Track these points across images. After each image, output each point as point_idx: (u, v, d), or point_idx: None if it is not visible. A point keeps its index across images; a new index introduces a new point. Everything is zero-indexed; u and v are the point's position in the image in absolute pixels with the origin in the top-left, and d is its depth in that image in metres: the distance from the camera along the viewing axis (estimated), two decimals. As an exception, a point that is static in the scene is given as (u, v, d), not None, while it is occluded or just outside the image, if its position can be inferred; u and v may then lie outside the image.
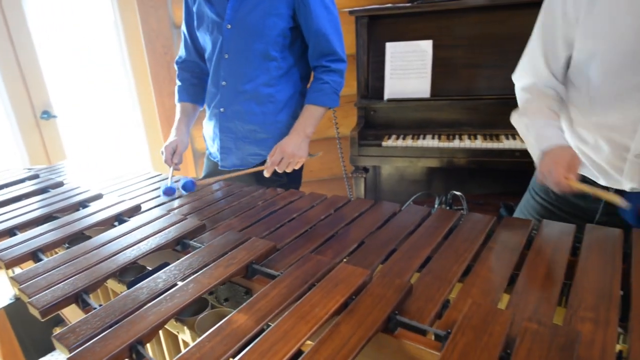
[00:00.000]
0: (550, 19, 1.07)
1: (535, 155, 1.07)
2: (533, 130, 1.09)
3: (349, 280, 0.76)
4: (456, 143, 2.02)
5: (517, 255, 0.86)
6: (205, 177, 1.68)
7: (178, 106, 1.66)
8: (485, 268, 0.83)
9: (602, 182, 1.09)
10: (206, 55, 1.55)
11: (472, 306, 0.66)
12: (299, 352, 0.62)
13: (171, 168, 1.50)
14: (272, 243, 0.93)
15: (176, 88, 1.68)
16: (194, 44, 1.60)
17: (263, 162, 1.51)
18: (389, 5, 2.20)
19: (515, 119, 1.17)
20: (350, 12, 2.18)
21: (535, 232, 0.94)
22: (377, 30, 2.23)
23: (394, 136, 2.17)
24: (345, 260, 0.91)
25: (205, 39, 1.52)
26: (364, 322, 0.66)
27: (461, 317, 0.64)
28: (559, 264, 0.81)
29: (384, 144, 2.13)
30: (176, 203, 1.30)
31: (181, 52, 1.65)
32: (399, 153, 2.12)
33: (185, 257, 0.91)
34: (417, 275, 0.82)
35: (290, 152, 1.41)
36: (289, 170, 1.44)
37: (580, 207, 1.14)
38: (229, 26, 1.43)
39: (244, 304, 0.72)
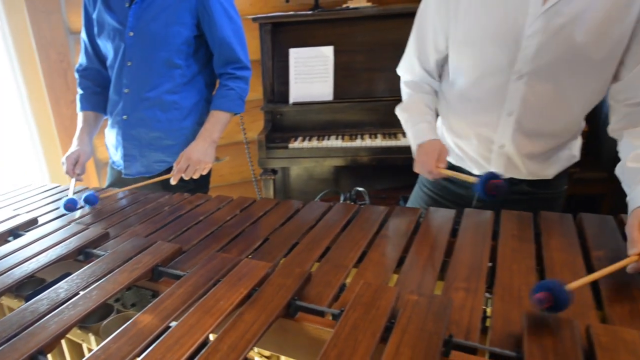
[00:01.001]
0: (422, 26, 1.20)
1: (413, 147, 1.19)
2: (411, 125, 1.21)
3: (252, 273, 0.80)
4: (358, 142, 2.14)
5: (406, 239, 0.95)
6: (109, 186, 1.64)
7: (80, 115, 1.60)
8: (378, 253, 0.91)
9: (475, 171, 1.24)
10: (108, 63, 1.52)
11: (363, 286, 0.73)
12: (205, 343, 0.65)
13: (73, 179, 1.44)
14: (177, 245, 0.95)
15: (77, 97, 1.61)
16: (95, 51, 1.56)
17: (169, 169, 1.51)
18: (291, 13, 2.28)
19: (398, 112, 1.29)
20: (254, 19, 2.23)
21: (422, 218, 1.05)
22: (280, 37, 2.30)
23: (300, 138, 2.25)
24: (250, 256, 0.95)
25: (106, 46, 1.48)
26: (266, 309, 0.71)
27: (353, 296, 0.71)
28: (440, 245, 0.92)
29: (290, 146, 2.20)
30: (78, 214, 1.26)
31: (81, 59, 1.60)
32: (305, 154, 2.20)
33: (88, 265, 0.90)
34: (317, 265, 0.89)
35: (196, 158, 1.42)
36: (196, 176, 1.45)
37: (460, 195, 1.28)
38: (131, 34, 1.41)
39: (150, 304, 0.74)
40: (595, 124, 2.73)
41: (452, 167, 1.28)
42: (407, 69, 1.29)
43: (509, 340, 0.63)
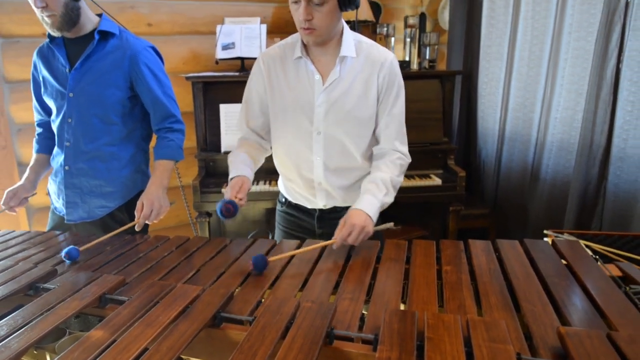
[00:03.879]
0: (249, 92, 1.53)
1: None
2: (230, 166, 1.45)
3: (185, 295, 1.01)
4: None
5: (311, 265, 1.20)
6: (50, 230, 1.75)
7: (34, 156, 1.78)
8: (288, 276, 1.15)
9: (308, 205, 1.56)
10: (52, 118, 1.68)
11: (272, 299, 0.96)
12: (148, 349, 0.84)
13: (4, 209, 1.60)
14: (121, 277, 1.13)
15: (34, 140, 1.81)
16: (43, 108, 1.75)
17: (111, 214, 1.68)
18: (221, 74, 2.56)
19: (228, 158, 1.51)
20: (187, 78, 2.48)
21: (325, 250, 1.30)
22: (211, 93, 2.56)
23: (232, 183, 2.46)
24: (184, 283, 1.14)
25: (50, 104, 1.66)
26: (197, 320, 0.91)
27: (264, 307, 0.93)
28: (336, 268, 1.17)
29: (223, 190, 2.40)
30: (22, 255, 1.38)
31: (35, 115, 1.80)
32: (237, 198, 2.41)
33: (41, 297, 1.05)
34: (240, 288, 1.10)
35: (158, 204, 1.59)
36: (156, 220, 1.61)
37: (305, 226, 1.61)
38: (72, 95, 1.59)
39: (100, 322, 0.92)
40: (477, 168, 3.20)
41: (290, 203, 1.63)
42: (239, 127, 1.58)
43: (375, 330, 0.88)
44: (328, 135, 1.43)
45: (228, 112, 2.49)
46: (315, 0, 1.24)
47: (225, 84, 2.56)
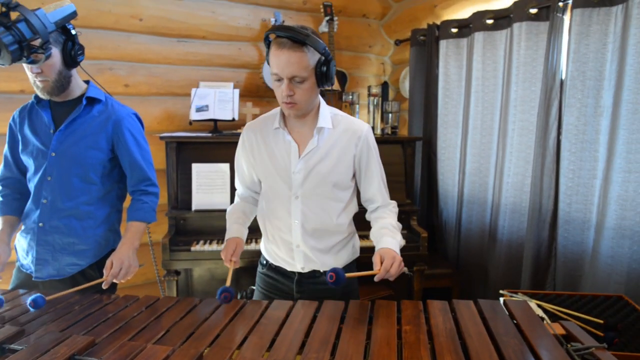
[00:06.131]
0: (238, 159, 1.68)
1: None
2: (228, 225, 1.66)
3: (155, 356, 1.04)
4: (253, 246, 2.46)
5: (278, 326, 1.25)
6: (14, 288, 1.74)
7: (0, 219, 1.74)
8: (256, 337, 1.19)
9: (288, 267, 1.64)
10: (28, 175, 1.71)
11: (240, 359, 1.00)
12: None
13: None
14: (91, 338, 1.15)
15: (0, 202, 1.77)
16: (16, 165, 1.76)
17: (82, 272, 1.69)
18: (194, 134, 2.65)
19: (226, 214, 1.73)
20: (161, 138, 2.56)
21: (292, 309, 1.35)
22: (184, 153, 2.64)
23: (202, 241, 2.51)
24: (154, 343, 1.17)
25: (28, 162, 1.70)
26: (167, 380, 0.95)
27: (233, 366, 0.98)
28: (302, 329, 1.23)
29: (192, 248, 2.44)
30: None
31: (2, 171, 1.79)
32: (206, 256, 2.45)
33: (8, 358, 1.06)
34: (209, 348, 1.14)
35: (127, 263, 1.63)
36: (124, 280, 1.63)
37: (283, 289, 1.68)
38: (54, 154, 1.65)
39: (71, 384, 0.94)
40: (439, 228, 3.34)
41: (270, 266, 1.71)
42: (237, 185, 1.76)
43: (338, 389, 0.94)
44: (305, 199, 1.55)
45: (200, 172, 2.56)
46: (297, 79, 1.39)
47: (198, 144, 2.65)
